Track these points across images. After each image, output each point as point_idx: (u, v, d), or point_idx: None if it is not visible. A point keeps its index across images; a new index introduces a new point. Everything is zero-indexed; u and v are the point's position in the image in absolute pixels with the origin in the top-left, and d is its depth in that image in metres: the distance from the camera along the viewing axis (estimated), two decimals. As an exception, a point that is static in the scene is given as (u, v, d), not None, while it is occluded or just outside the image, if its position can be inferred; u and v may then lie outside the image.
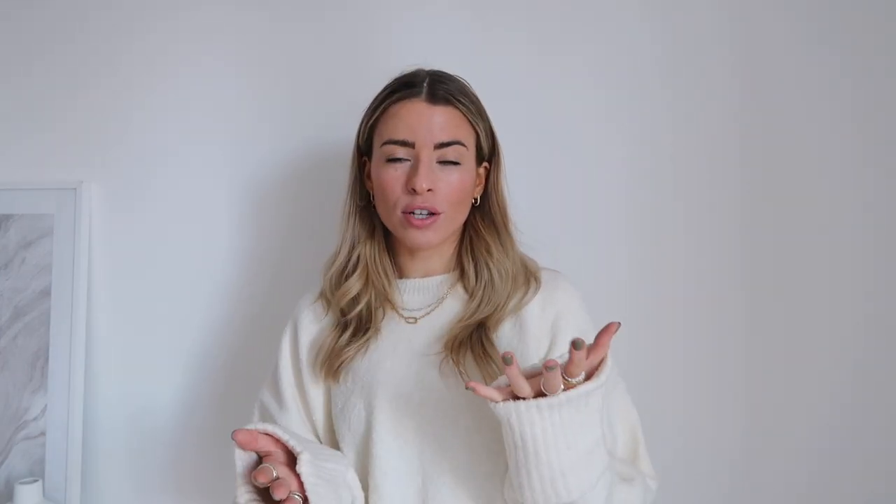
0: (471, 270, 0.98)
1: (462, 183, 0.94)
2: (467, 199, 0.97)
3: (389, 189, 0.93)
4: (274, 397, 1.02)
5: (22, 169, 1.40)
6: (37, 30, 1.40)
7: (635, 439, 0.96)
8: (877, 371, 1.18)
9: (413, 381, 0.93)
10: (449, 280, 1.00)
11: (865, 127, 1.19)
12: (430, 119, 0.92)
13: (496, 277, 0.96)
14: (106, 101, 1.37)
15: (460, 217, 0.97)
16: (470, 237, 1.00)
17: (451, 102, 0.94)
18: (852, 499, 1.19)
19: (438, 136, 0.92)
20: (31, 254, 1.37)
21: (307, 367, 1.00)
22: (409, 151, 0.92)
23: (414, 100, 0.93)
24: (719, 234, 1.22)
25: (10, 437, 1.34)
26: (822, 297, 1.20)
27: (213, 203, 1.34)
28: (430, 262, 1.00)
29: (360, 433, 0.93)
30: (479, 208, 1.01)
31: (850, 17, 1.19)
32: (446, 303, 0.98)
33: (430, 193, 0.92)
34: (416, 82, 0.95)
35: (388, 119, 0.94)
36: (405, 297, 1.00)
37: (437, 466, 0.90)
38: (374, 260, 1.00)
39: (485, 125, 0.98)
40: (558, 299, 0.96)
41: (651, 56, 1.23)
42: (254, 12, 1.33)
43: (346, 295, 0.98)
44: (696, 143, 1.23)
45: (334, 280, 1.00)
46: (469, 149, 0.95)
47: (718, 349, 1.22)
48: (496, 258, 0.97)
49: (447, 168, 0.93)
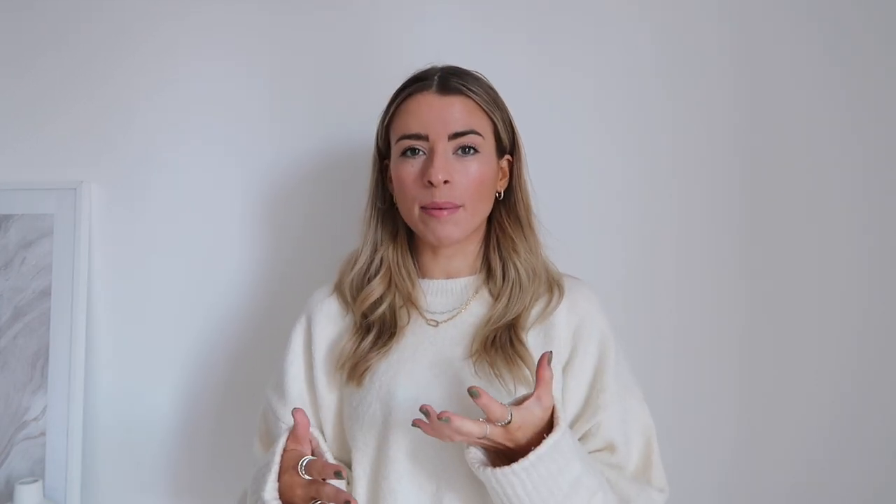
0: (498, 270, 0.96)
1: (481, 174, 0.91)
2: (489, 193, 0.94)
3: (407, 185, 0.91)
4: (277, 391, 1.00)
5: (22, 169, 1.40)
6: (37, 30, 1.40)
7: (649, 447, 0.96)
8: (874, 371, 1.19)
9: (433, 385, 0.91)
10: (474, 283, 0.98)
11: (865, 127, 1.19)
12: (441, 110, 0.90)
13: (524, 277, 0.95)
14: (106, 102, 1.37)
15: (482, 211, 0.95)
16: (496, 235, 0.98)
17: (463, 92, 0.92)
18: (850, 498, 1.19)
19: (452, 126, 0.90)
20: (31, 254, 1.36)
21: (322, 367, 0.97)
22: (424, 145, 0.91)
23: (425, 92, 0.92)
24: (718, 234, 1.22)
25: (10, 437, 1.33)
26: (820, 298, 1.20)
27: (214, 203, 1.34)
28: (453, 262, 0.98)
29: (374, 434, 0.91)
30: (504, 203, 0.99)
31: (849, 17, 1.19)
32: (471, 307, 0.96)
33: (448, 186, 0.89)
34: (427, 76, 0.94)
35: (400, 115, 0.93)
36: (429, 299, 0.98)
37: (454, 472, 0.88)
38: (398, 262, 0.98)
39: (502, 115, 0.96)
40: (581, 308, 0.95)
41: (651, 56, 1.23)
42: (256, 13, 1.32)
43: (368, 298, 0.96)
44: (694, 144, 1.23)
45: (356, 283, 0.98)
46: (486, 138, 0.93)
47: (716, 349, 1.23)
48: (523, 257, 0.96)
49: (464, 159, 0.91)
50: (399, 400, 0.90)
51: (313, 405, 0.98)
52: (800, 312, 1.21)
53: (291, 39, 1.31)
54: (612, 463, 0.91)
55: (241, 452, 1.08)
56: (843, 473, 1.19)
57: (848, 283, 1.19)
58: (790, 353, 1.21)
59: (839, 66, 1.19)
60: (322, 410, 0.97)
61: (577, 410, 0.93)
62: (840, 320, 1.19)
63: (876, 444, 1.19)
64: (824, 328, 1.20)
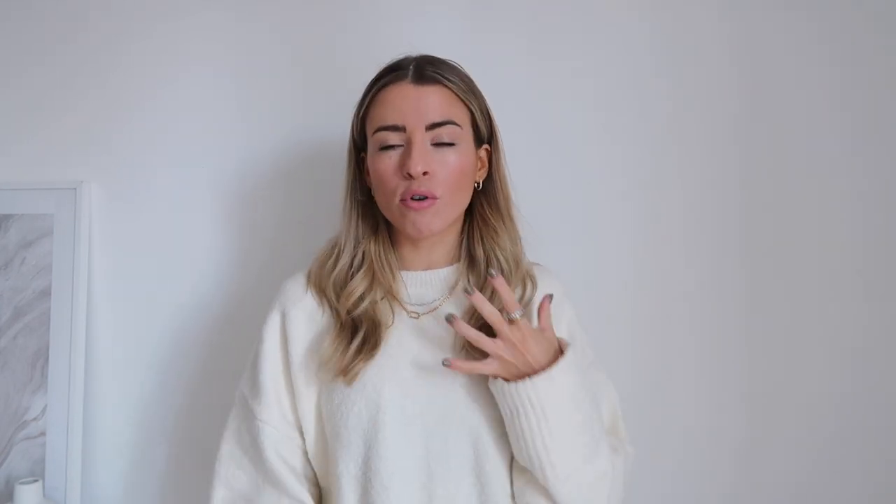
0: (482, 261, 0.96)
1: (460, 165, 0.91)
2: (468, 183, 0.94)
3: (385, 177, 0.90)
4: (251, 388, 0.97)
5: (22, 169, 1.40)
6: (37, 30, 1.40)
7: (615, 413, 1.00)
8: (876, 370, 1.19)
9: (419, 379, 0.91)
10: (455, 273, 0.97)
11: (865, 127, 1.19)
12: (418, 100, 0.89)
13: (505, 267, 0.95)
14: (106, 102, 1.37)
15: (461, 201, 0.94)
16: (478, 226, 0.98)
17: (440, 81, 0.91)
18: (852, 497, 1.19)
19: (429, 116, 0.89)
20: (31, 254, 1.36)
21: (300, 365, 0.95)
22: (401, 136, 0.89)
23: (401, 83, 0.90)
24: (719, 233, 1.23)
25: (10, 437, 1.33)
26: (821, 297, 1.21)
27: (214, 203, 1.34)
28: (433, 253, 0.98)
29: (360, 432, 0.89)
30: (484, 193, 0.98)
31: (849, 17, 1.19)
32: (452, 297, 0.96)
33: (427, 177, 0.88)
34: (402, 66, 0.92)
35: (376, 106, 0.92)
36: (410, 291, 0.97)
37: (444, 465, 0.88)
38: (380, 255, 0.97)
39: (479, 103, 0.95)
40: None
41: (650, 55, 1.24)
42: (253, 16, 1.33)
43: (352, 294, 0.94)
44: (695, 143, 1.23)
45: (339, 280, 0.96)
46: (464, 128, 0.92)
47: (719, 347, 1.23)
48: (507, 246, 0.96)
49: (443, 150, 0.90)
50: (387, 397, 0.89)
51: (290, 401, 0.95)
52: (802, 311, 1.21)
53: (292, 41, 1.32)
54: None
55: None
56: (846, 473, 1.19)
57: (852, 281, 1.20)
58: (792, 351, 1.21)
59: (839, 65, 1.20)
60: (301, 404, 0.95)
61: None
62: (843, 319, 1.20)
63: (879, 444, 1.19)
64: (827, 327, 1.20)
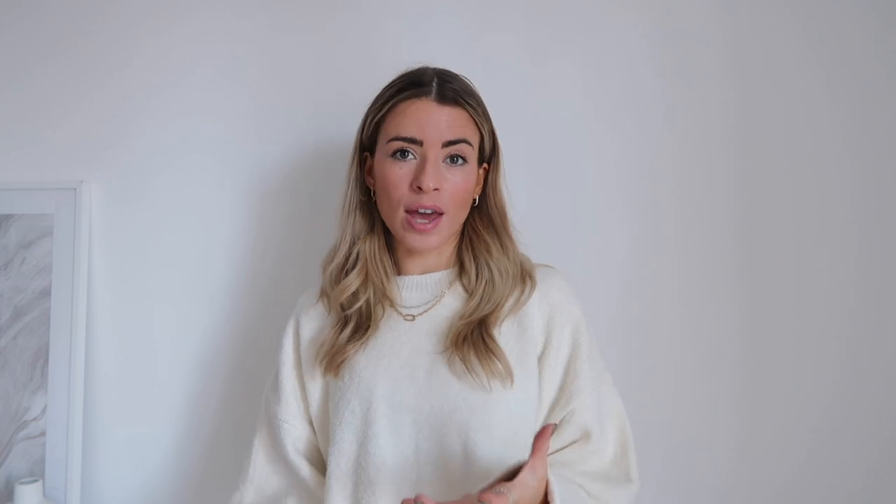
0: (472, 268, 0.98)
1: (466, 183, 0.95)
2: (469, 200, 0.98)
3: (394, 186, 0.93)
4: (273, 392, 1.04)
5: (22, 169, 1.40)
6: (38, 32, 1.40)
7: (623, 434, 0.98)
8: (870, 370, 1.19)
9: (411, 379, 0.93)
10: (447, 277, 1.00)
11: (862, 126, 1.19)
12: (438, 118, 0.93)
13: (496, 276, 0.97)
14: (106, 102, 1.37)
15: (461, 217, 0.98)
16: (470, 237, 1.01)
17: (460, 103, 0.95)
18: (847, 497, 1.19)
19: (446, 134, 0.93)
20: (31, 254, 1.36)
21: (307, 364, 1.01)
22: (416, 149, 0.93)
23: (424, 98, 0.94)
24: (714, 233, 1.23)
25: (10, 437, 1.33)
26: (817, 297, 1.20)
27: (214, 203, 1.34)
28: (429, 260, 1.01)
29: (353, 430, 0.93)
30: (478, 209, 1.02)
31: (847, 17, 1.19)
32: (445, 300, 0.98)
33: (436, 193, 0.92)
34: (424, 81, 0.95)
35: (395, 116, 0.95)
36: (404, 294, 1.00)
37: (433, 464, 0.90)
38: (374, 256, 1.00)
39: (489, 126, 0.99)
40: (552, 298, 0.97)
41: (646, 56, 1.24)
42: (253, 17, 1.33)
43: (345, 291, 0.98)
44: (691, 143, 1.23)
45: (334, 276, 1.00)
46: (474, 148, 0.96)
47: (713, 348, 1.23)
48: (496, 258, 0.98)
49: (453, 168, 0.94)
50: (378, 395, 0.92)
51: (304, 402, 1.01)
52: (797, 310, 1.21)
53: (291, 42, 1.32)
54: (588, 451, 0.93)
55: (241, 453, 1.08)
56: (839, 474, 1.19)
57: (847, 283, 1.19)
58: (787, 351, 1.21)
59: (836, 65, 1.20)
60: (310, 404, 1.01)
61: (553, 398, 0.95)
62: (839, 319, 1.20)
63: (873, 445, 1.19)
64: (822, 327, 1.20)
